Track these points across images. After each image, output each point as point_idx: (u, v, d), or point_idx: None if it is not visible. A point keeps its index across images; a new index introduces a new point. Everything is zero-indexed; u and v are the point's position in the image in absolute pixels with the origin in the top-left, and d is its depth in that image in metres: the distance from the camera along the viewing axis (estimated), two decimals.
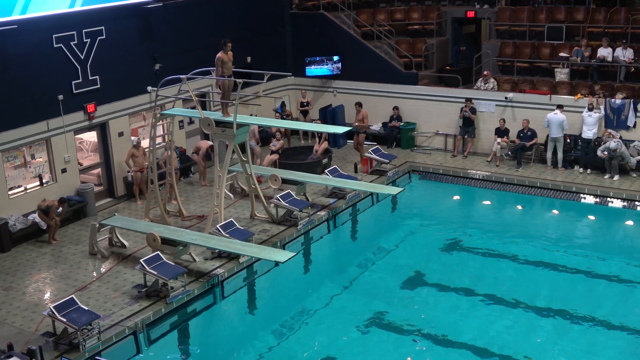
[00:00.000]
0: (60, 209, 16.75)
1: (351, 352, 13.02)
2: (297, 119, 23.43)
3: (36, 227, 16.76)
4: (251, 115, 18.62)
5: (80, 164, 18.71)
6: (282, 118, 22.53)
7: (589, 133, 19.43)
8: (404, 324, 13.84)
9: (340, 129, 17.39)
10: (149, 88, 19.44)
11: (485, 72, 21.90)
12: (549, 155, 20.22)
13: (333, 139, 22.65)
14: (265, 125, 18.95)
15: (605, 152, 18.90)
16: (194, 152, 20.15)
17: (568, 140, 20.04)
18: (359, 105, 21.74)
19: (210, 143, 19.31)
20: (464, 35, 26.05)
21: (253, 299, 15.67)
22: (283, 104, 23.21)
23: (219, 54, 15.99)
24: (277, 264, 14.84)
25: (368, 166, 20.60)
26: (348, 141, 23.13)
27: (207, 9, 21.37)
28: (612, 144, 18.72)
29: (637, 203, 18.19)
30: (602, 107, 19.51)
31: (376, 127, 23.20)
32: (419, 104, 22.51)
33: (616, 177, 19.08)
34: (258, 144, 21.19)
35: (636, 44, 21.04)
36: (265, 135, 22.06)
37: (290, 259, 14.13)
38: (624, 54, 20.55)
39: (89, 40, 17.99)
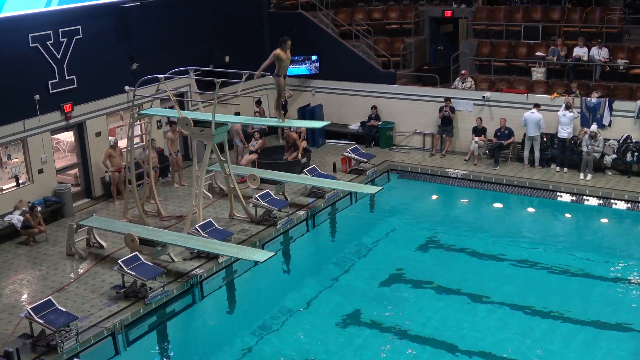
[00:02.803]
0: (36, 217, 16.53)
1: (331, 351, 13.04)
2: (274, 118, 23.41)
3: (13, 228, 16.62)
4: (237, 113, 18.64)
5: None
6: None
7: (563, 132, 19.61)
8: (383, 322, 13.90)
9: (318, 124, 17.34)
10: (127, 88, 19.35)
11: (462, 72, 22.03)
12: (526, 153, 20.39)
13: (312, 138, 22.67)
14: (246, 123, 18.85)
15: (589, 147, 19.18)
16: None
17: (545, 139, 20.22)
18: (258, 103, 21.80)
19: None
20: (442, 34, 26.18)
21: (232, 299, 15.66)
22: (259, 102, 23.02)
23: (277, 50, 15.04)
24: (256, 263, 14.80)
25: (347, 165, 20.64)
26: (327, 141, 23.15)
27: (185, 8, 21.31)
28: (587, 138, 19.11)
29: (612, 201, 18.40)
30: (578, 107, 19.72)
31: (354, 126, 23.26)
32: (397, 103, 22.60)
33: (589, 177, 19.27)
34: (242, 142, 21.13)
35: (611, 43, 21.28)
36: (247, 135, 21.97)
37: (269, 258, 14.14)
38: (600, 53, 20.77)
39: (65, 39, 17.86)
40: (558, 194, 19.05)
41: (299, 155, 20.55)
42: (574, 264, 15.98)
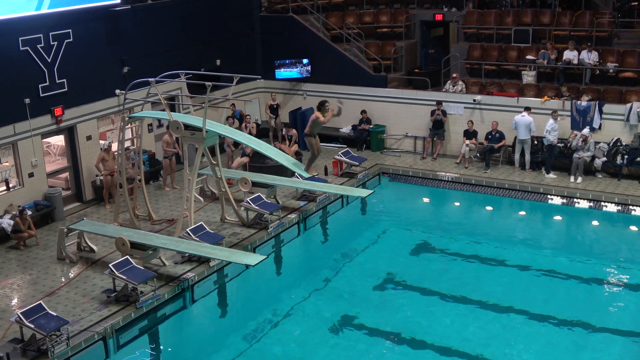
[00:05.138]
0: (26, 220, 16.46)
1: (322, 355, 13.04)
2: (266, 122, 23.44)
3: (3, 232, 16.55)
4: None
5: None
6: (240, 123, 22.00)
7: (549, 137, 19.66)
8: (374, 325, 13.90)
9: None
10: (118, 91, 19.31)
11: (453, 75, 22.10)
12: (516, 156, 20.45)
13: (303, 142, 22.61)
14: (234, 138, 18.61)
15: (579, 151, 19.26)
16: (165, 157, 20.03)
17: (535, 142, 20.29)
18: (232, 105, 21.41)
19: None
20: (433, 38, 26.22)
21: (224, 302, 15.64)
22: (232, 105, 22.06)
23: (316, 113, 15.65)
24: (247, 267, 14.82)
25: (338, 169, 20.65)
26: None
27: (176, 11, 21.30)
28: (575, 142, 19.20)
29: (602, 203, 18.48)
30: (568, 109, 19.81)
31: (346, 129, 23.28)
32: (388, 106, 22.64)
33: (580, 180, 19.35)
34: (229, 147, 21.08)
35: (601, 46, 21.39)
36: None
37: (260, 262, 14.14)
38: (589, 57, 20.87)
39: (56, 43, 17.81)
40: (549, 196, 19.12)
41: (291, 152, 20.58)
42: (567, 266, 16.05)
